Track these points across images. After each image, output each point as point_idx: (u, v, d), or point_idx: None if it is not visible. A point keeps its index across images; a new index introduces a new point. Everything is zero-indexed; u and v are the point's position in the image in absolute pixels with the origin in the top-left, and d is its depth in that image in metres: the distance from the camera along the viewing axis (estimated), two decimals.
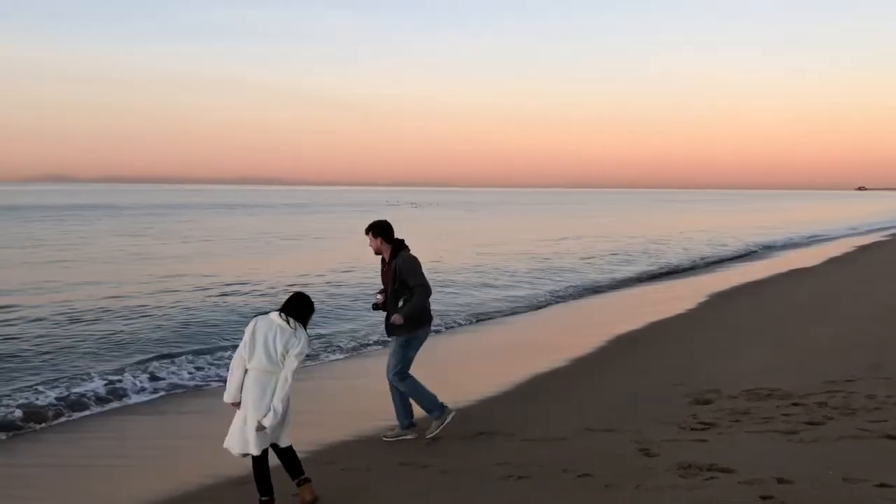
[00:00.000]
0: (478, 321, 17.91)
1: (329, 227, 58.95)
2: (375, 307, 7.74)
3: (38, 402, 10.37)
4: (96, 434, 9.45)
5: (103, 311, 17.66)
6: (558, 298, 21.63)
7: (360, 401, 10.67)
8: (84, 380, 11.52)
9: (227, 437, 6.19)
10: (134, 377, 11.76)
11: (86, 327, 15.94)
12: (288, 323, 6.00)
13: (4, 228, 49.38)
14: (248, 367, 6.00)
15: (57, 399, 10.54)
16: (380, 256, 7.73)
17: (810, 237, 48.10)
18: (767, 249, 39.93)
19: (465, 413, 9.69)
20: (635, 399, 9.97)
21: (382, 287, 7.70)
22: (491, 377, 11.70)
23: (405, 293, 7.39)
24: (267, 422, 5.95)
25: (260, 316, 6.11)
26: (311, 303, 6.24)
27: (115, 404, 10.74)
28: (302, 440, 8.47)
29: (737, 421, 8.39)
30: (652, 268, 29.69)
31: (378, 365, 13.08)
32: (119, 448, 8.91)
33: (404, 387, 7.85)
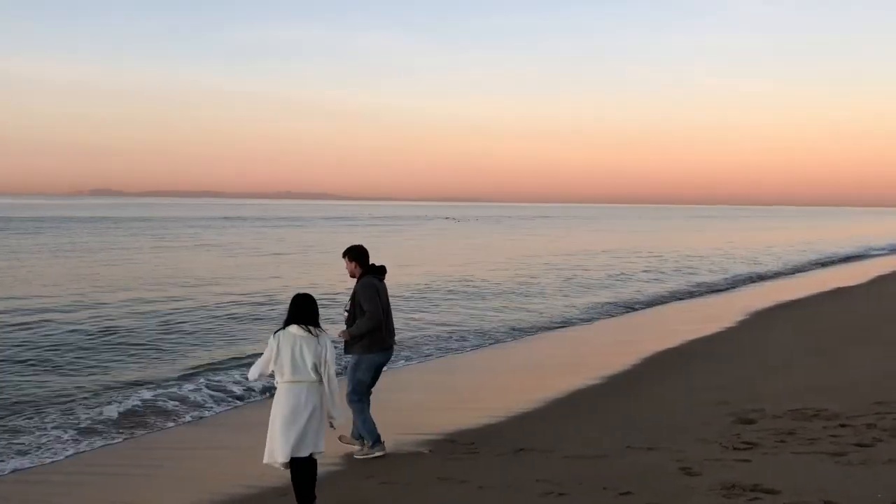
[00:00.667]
0: (513, 338, 17.82)
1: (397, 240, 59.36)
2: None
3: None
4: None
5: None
6: (593, 315, 21.42)
7: (398, 414, 10.67)
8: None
9: (267, 452, 6.32)
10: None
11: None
12: (309, 332, 6.07)
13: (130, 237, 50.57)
14: (283, 379, 6.09)
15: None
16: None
17: (852, 255, 47.10)
18: (812, 266, 39.24)
19: (501, 429, 9.68)
20: (676, 418, 9.83)
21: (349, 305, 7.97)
22: (526, 392, 11.66)
23: (361, 315, 7.65)
24: (338, 417, 6.34)
25: (280, 332, 6.12)
26: (314, 299, 6.24)
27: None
28: (339, 454, 8.58)
29: (782, 441, 8.22)
30: (687, 285, 29.29)
31: (410, 379, 13.16)
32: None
33: (351, 409, 7.97)
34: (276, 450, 6.13)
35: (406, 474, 7.74)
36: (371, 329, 7.68)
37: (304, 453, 6.17)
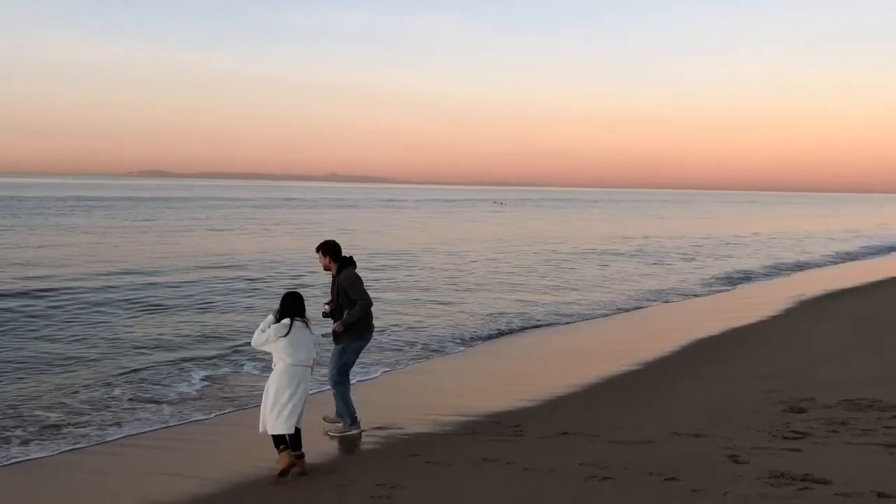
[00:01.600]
0: (553, 323, 17.72)
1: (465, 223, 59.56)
2: (325, 315, 8.31)
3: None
4: None
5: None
6: (633, 301, 21.15)
7: (443, 396, 10.75)
8: None
9: (271, 425, 7.08)
10: None
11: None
12: (305, 324, 7.11)
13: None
14: (286, 363, 7.01)
15: None
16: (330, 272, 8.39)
17: None
18: (859, 254, 38.24)
19: (546, 412, 9.67)
20: (724, 405, 9.70)
21: (331, 297, 8.30)
22: (570, 377, 11.62)
23: (349, 306, 8.05)
24: None
25: (294, 323, 7.01)
26: (302, 296, 7.23)
27: None
28: (382, 433, 8.69)
29: (834, 431, 8.07)
30: (732, 271, 28.77)
31: (456, 363, 13.20)
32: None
33: (335, 391, 8.35)
34: (282, 423, 6.99)
35: (450, 454, 7.79)
36: (363, 316, 8.11)
37: (301, 426, 7.18)
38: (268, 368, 7.65)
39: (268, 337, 6.99)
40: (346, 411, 8.40)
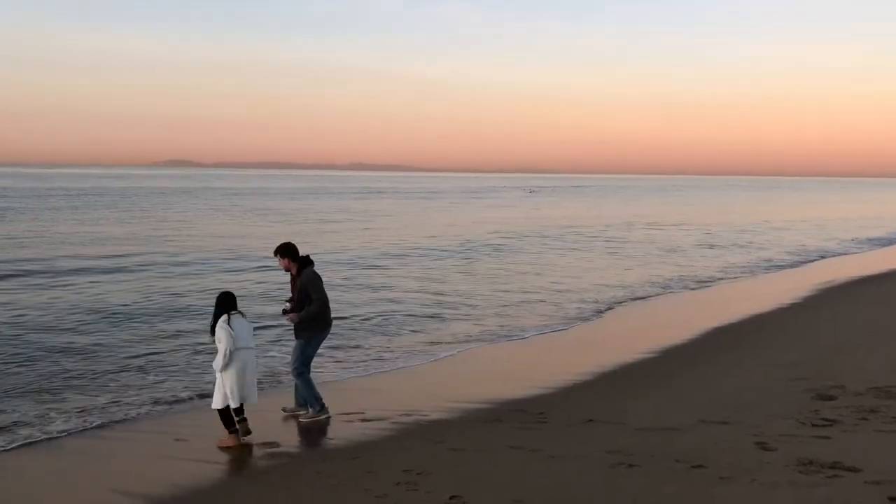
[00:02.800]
0: (586, 311, 17.65)
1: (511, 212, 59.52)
2: (284, 312, 8.76)
3: None
4: None
5: None
6: (651, 288, 20.91)
7: (466, 385, 10.75)
8: None
9: (220, 400, 7.83)
10: None
11: None
12: (242, 315, 7.99)
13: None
14: (234, 348, 7.72)
15: None
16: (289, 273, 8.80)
17: None
18: (889, 240, 37.58)
19: (571, 399, 9.66)
20: (751, 392, 9.64)
21: (291, 296, 8.72)
22: (586, 365, 11.60)
23: (309, 304, 8.47)
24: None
25: (231, 316, 7.80)
26: (232, 293, 8.11)
27: None
28: (408, 420, 8.73)
29: (863, 419, 7.98)
30: (756, 259, 28.37)
31: (484, 355, 13.19)
32: None
33: (300, 381, 8.71)
34: (249, 395, 7.90)
35: (476, 441, 7.81)
36: (320, 313, 8.53)
37: (255, 401, 8.04)
38: None
39: (225, 346, 7.73)
40: (313, 398, 8.69)
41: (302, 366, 8.67)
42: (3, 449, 8.11)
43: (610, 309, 17.61)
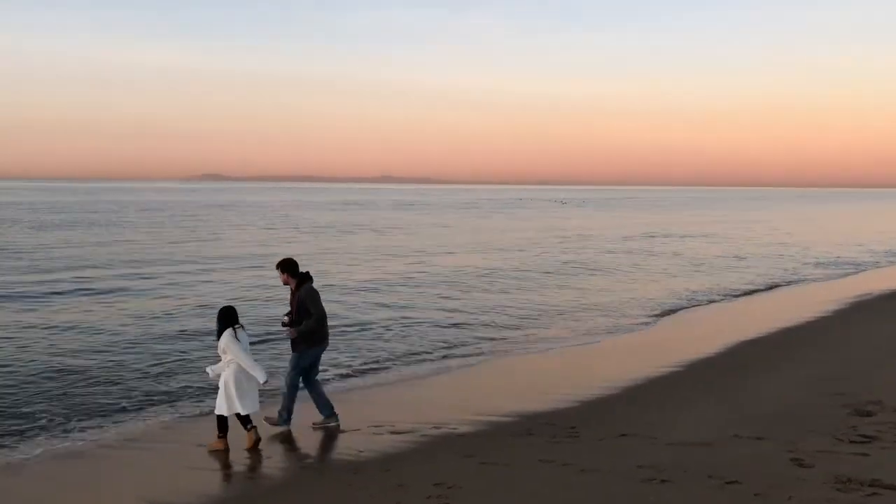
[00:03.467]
0: (618, 321, 17.52)
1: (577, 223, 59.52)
2: (284, 325, 9.00)
3: None
4: None
5: None
6: (680, 301, 20.61)
7: (496, 397, 10.70)
8: None
9: (226, 408, 8.13)
10: None
11: None
12: (243, 328, 8.37)
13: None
14: (229, 359, 8.11)
15: None
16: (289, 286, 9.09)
17: None
18: None
19: (602, 413, 9.57)
20: (785, 407, 9.48)
21: (291, 309, 8.96)
22: (627, 376, 11.51)
23: (307, 317, 8.73)
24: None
25: (237, 331, 8.22)
26: (234, 308, 8.51)
27: None
28: (437, 433, 8.72)
29: None
30: (784, 272, 27.82)
31: (509, 367, 13.14)
32: None
33: (288, 391, 8.94)
34: (248, 404, 8.18)
35: (506, 455, 7.77)
36: (317, 328, 8.80)
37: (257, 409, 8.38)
38: None
39: (233, 355, 8.12)
40: (289, 407, 8.96)
41: (296, 377, 8.95)
42: (29, 456, 8.29)
43: (646, 324, 17.46)
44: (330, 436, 8.82)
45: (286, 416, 8.98)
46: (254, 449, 8.23)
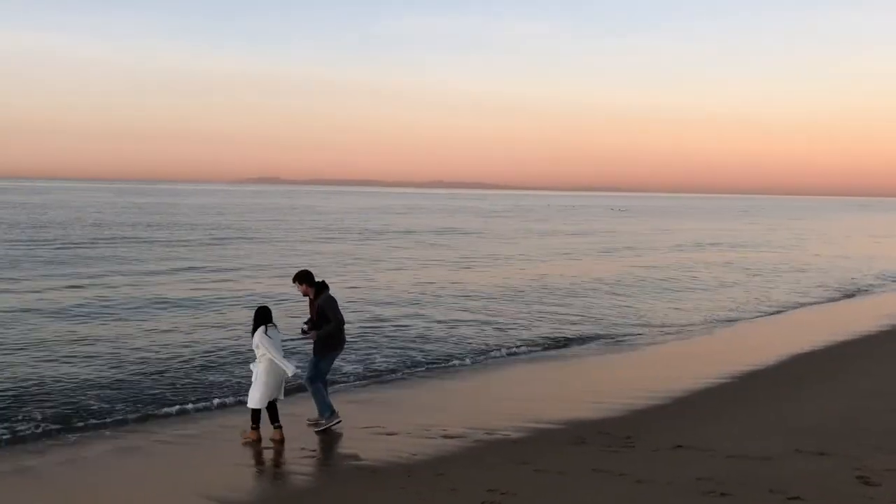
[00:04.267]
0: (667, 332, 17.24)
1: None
2: (304, 332, 9.39)
3: None
4: None
5: None
6: (730, 312, 20.18)
7: (548, 404, 10.60)
8: None
9: (259, 400, 8.67)
10: None
11: None
12: (275, 327, 8.90)
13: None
14: (261, 356, 8.66)
15: None
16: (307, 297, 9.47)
17: None
18: None
19: (657, 423, 9.40)
20: (847, 422, 9.18)
21: (310, 317, 9.36)
22: (676, 387, 11.33)
23: (327, 324, 9.17)
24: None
25: (268, 328, 8.72)
26: (268, 308, 9.05)
27: None
28: (490, 438, 8.67)
29: None
30: (839, 282, 27.02)
31: (555, 372, 13.03)
32: None
33: (312, 389, 9.28)
34: (277, 393, 8.80)
35: (560, 463, 7.69)
36: (336, 332, 9.22)
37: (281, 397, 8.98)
38: None
39: (264, 352, 8.66)
40: (324, 406, 9.26)
41: (315, 378, 9.31)
42: (88, 450, 8.55)
43: (701, 332, 17.15)
44: (382, 438, 8.85)
45: (328, 412, 9.23)
46: (280, 444, 8.64)
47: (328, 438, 8.95)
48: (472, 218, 77.64)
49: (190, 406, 10.39)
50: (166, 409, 10.23)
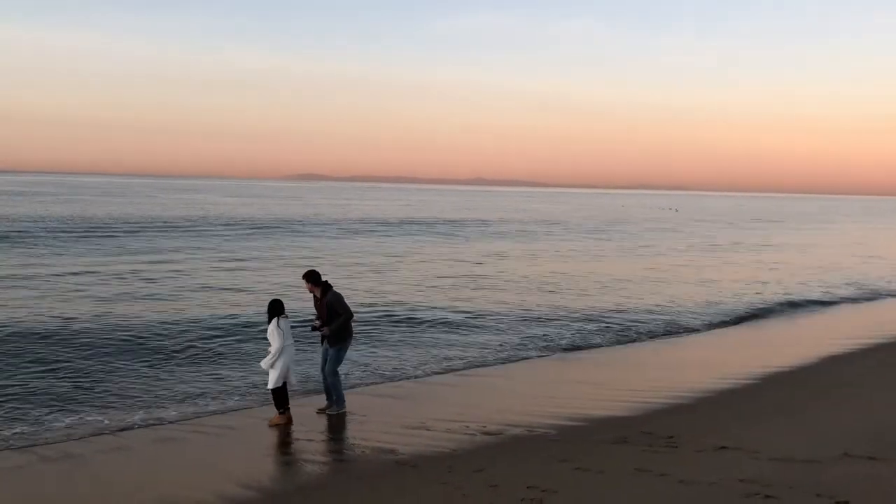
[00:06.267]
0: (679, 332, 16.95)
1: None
2: (313, 328, 10.00)
3: None
4: None
5: None
6: (762, 311, 19.67)
7: (588, 400, 10.52)
8: None
9: (274, 381, 9.25)
10: None
11: None
12: (286, 317, 9.48)
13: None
14: (282, 346, 9.27)
15: None
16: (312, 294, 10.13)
17: None
18: None
19: (700, 423, 9.27)
20: None
21: (317, 314, 10.00)
22: (719, 385, 11.20)
23: (336, 318, 9.83)
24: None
25: (280, 319, 9.31)
26: (281, 301, 9.62)
27: None
28: (530, 435, 8.63)
29: None
30: (872, 282, 26.36)
31: (581, 368, 12.94)
32: None
33: (334, 380, 9.93)
34: (290, 377, 9.39)
35: (601, 461, 7.62)
36: (346, 324, 9.89)
37: (291, 381, 9.54)
38: None
39: (277, 345, 9.23)
40: (339, 395, 9.93)
41: (335, 366, 9.94)
42: (131, 440, 8.75)
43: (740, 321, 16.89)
44: (420, 433, 8.89)
45: (342, 401, 9.89)
46: (284, 427, 9.15)
47: (366, 432, 9.03)
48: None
49: (231, 402, 10.55)
50: (207, 402, 10.49)
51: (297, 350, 10.03)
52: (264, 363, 9.38)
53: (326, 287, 9.93)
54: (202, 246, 32.76)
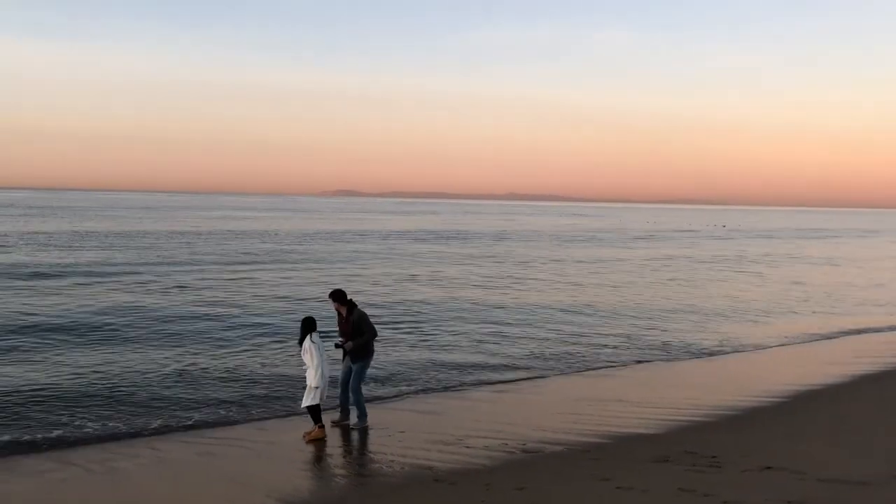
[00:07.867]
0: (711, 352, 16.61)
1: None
2: (337, 346, 10.18)
3: None
4: None
5: None
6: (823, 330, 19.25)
7: (628, 418, 10.37)
8: None
9: (311, 399, 9.37)
10: None
11: None
12: (319, 334, 9.66)
13: None
14: (310, 364, 9.38)
15: None
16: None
17: None
18: None
19: (745, 442, 9.07)
20: None
21: (340, 331, 10.30)
22: (764, 403, 11.00)
23: (361, 336, 10.13)
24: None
25: (314, 336, 9.49)
26: (313, 318, 9.81)
27: None
28: (569, 453, 8.50)
29: None
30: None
31: (603, 386, 12.75)
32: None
33: (359, 397, 10.14)
34: (321, 397, 9.43)
35: (643, 481, 7.48)
36: (370, 341, 10.18)
37: (323, 401, 9.56)
38: None
39: (318, 361, 9.36)
40: (362, 410, 10.13)
41: (360, 384, 10.22)
42: (163, 451, 8.80)
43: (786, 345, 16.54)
44: (456, 449, 8.82)
45: (366, 417, 10.07)
46: (317, 442, 9.25)
47: (402, 447, 8.99)
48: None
49: (266, 414, 10.69)
50: (242, 416, 10.59)
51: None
52: (313, 381, 9.43)
53: (352, 305, 10.32)
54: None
